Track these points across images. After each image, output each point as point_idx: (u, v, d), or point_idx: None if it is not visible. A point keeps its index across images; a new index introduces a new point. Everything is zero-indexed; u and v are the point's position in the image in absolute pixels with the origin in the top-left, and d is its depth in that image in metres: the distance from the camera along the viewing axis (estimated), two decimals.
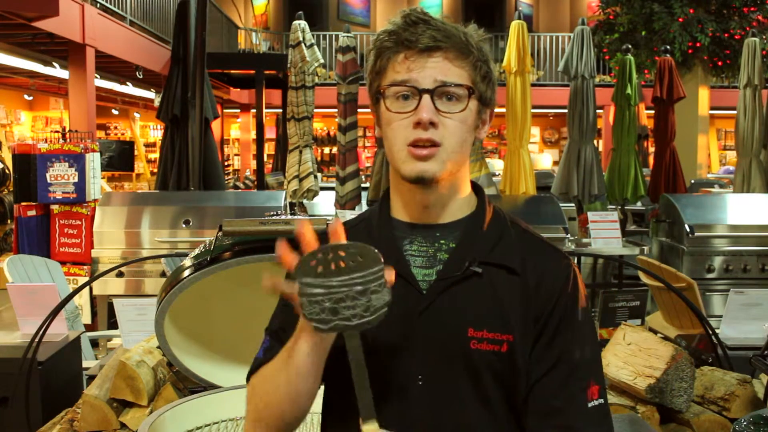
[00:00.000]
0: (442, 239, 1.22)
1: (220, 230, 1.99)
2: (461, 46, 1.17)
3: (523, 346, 1.17)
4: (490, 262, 1.19)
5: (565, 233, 5.10)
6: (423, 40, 1.15)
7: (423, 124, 1.14)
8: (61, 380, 3.00)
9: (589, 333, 1.22)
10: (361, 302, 1.06)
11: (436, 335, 1.17)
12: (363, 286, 1.06)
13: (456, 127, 1.17)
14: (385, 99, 1.18)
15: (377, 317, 1.07)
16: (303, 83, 6.50)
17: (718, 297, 5.23)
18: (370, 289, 1.06)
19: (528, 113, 6.42)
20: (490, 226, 1.23)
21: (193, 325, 2.18)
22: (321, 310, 1.06)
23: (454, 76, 1.16)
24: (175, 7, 6.51)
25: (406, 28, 1.16)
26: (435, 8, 21.00)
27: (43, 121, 14.80)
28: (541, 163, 17.99)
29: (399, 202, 1.25)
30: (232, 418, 2.09)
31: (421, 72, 1.15)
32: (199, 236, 4.77)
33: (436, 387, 1.17)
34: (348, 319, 1.06)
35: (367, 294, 1.06)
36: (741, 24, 11.52)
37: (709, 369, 2.67)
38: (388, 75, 1.18)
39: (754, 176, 6.71)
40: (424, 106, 1.14)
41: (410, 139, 1.16)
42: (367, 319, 1.06)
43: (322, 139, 21.09)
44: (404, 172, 1.17)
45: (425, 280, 1.19)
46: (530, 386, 1.17)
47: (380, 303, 1.07)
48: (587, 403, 1.16)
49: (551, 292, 1.19)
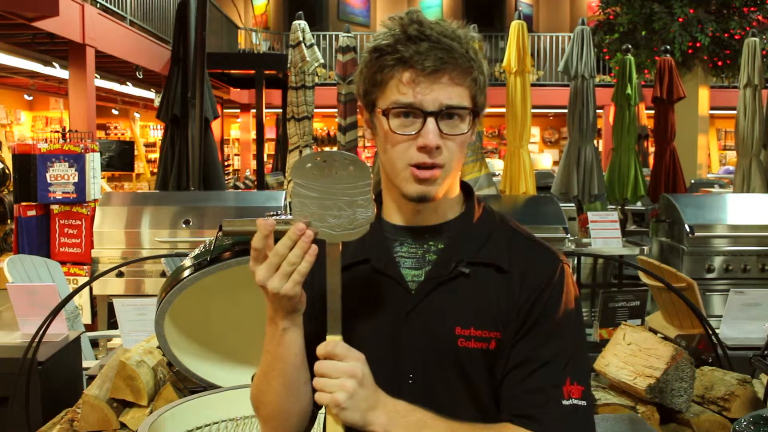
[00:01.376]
0: (431, 241, 1.23)
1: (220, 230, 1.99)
2: (464, 63, 1.16)
3: (510, 343, 1.18)
4: (477, 262, 1.21)
5: (565, 233, 5.10)
6: (428, 62, 1.13)
7: (428, 149, 1.15)
8: (61, 380, 3.00)
9: (573, 332, 1.20)
10: (347, 213, 1.12)
11: (425, 334, 1.19)
12: (350, 198, 1.12)
13: (457, 148, 1.18)
14: (389, 118, 1.17)
15: (359, 231, 1.12)
16: (303, 83, 6.51)
17: (718, 297, 5.23)
18: (356, 203, 1.12)
19: (528, 113, 6.42)
20: (479, 226, 1.25)
21: (193, 325, 2.18)
22: (309, 213, 1.11)
23: (458, 98, 1.16)
24: (175, 7, 6.51)
25: (408, 45, 1.14)
26: (435, 8, 20.98)
27: (43, 121, 14.80)
28: (541, 163, 17.97)
29: (390, 206, 1.26)
30: (232, 418, 2.09)
31: (427, 95, 1.14)
32: (199, 236, 4.77)
33: (427, 385, 1.19)
34: (332, 227, 1.12)
35: (353, 207, 1.12)
36: (741, 24, 11.52)
37: (709, 369, 2.67)
38: (391, 93, 1.17)
39: (754, 176, 6.71)
40: (430, 130, 1.14)
41: (414, 161, 1.16)
42: (350, 231, 1.12)
43: (322, 139, 21.08)
44: (405, 192, 1.18)
45: (414, 281, 1.21)
46: (503, 376, 1.18)
47: (364, 217, 1.12)
48: (561, 400, 1.15)
49: (534, 287, 1.19)
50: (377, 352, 1.18)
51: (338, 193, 1.11)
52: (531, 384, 1.16)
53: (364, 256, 1.20)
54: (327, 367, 1.08)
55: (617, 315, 3.43)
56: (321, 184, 1.11)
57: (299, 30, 6.53)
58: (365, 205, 1.12)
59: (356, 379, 1.08)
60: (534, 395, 1.15)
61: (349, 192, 1.11)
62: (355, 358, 1.09)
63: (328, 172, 1.11)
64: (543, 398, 1.15)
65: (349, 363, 1.08)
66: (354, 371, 1.08)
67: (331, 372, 1.08)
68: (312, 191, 1.11)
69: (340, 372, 1.07)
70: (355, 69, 1.31)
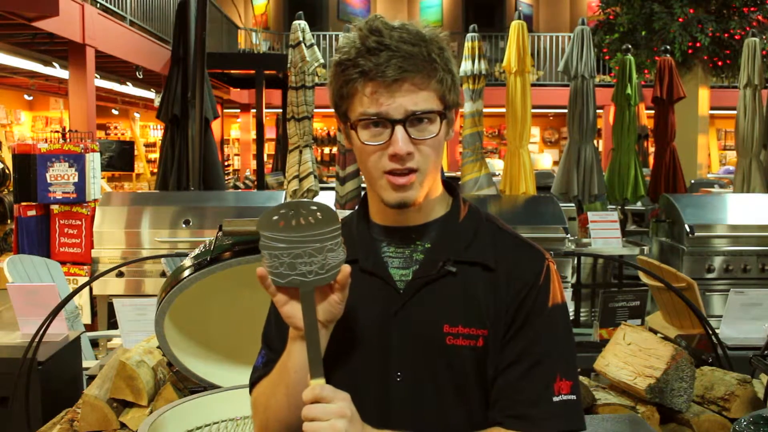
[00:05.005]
0: (418, 240, 1.25)
1: (220, 230, 2.00)
2: (426, 68, 1.17)
3: (497, 341, 1.20)
4: (464, 261, 1.22)
5: (565, 233, 5.10)
6: (389, 72, 1.15)
7: (399, 157, 1.17)
8: (61, 380, 3.00)
9: (561, 329, 1.23)
10: (317, 259, 1.13)
11: (413, 332, 1.20)
12: (320, 244, 1.13)
13: (430, 150, 1.19)
14: (357, 131, 1.19)
15: (331, 275, 1.13)
16: (303, 83, 6.50)
17: (718, 297, 5.23)
18: (327, 248, 1.13)
19: (528, 113, 6.42)
20: (465, 225, 1.26)
21: (193, 325, 2.18)
22: (280, 264, 1.13)
23: (423, 102, 1.17)
24: (175, 7, 6.51)
25: (368, 58, 1.16)
26: (435, 8, 20.99)
27: (43, 121, 14.80)
28: (541, 163, 17.97)
29: (376, 207, 1.28)
30: (232, 418, 2.09)
31: (392, 104, 1.16)
32: (199, 236, 4.77)
33: (415, 383, 1.20)
34: (304, 275, 1.13)
35: (323, 252, 1.13)
36: (741, 24, 11.51)
37: (709, 369, 2.67)
38: (356, 106, 1.19)
39: (754, 176, 6.71)
40: (398, 138, 1.16)
41: (387, 168, 1.18)
42: (322, 276, 1.13)
43: (322, 139, 21.08)
44: (385, 200, 1.20)
45: (402, 280, 1.23)
46: (494, 377, 1.20)
47: (335, 261, 1.13)
48: (552, 397, 1.18)
49: (521, 286, 1.21)
50: (365, 351, 1.21)
51: (307, 241, 1.13)
52: (523, 384, 1.18)
53: (352, 257, 1.21)
54: (317, 411, 1.09)
55: (617, 315, 3.43)
56: (289, 234, 1.13)
57: (299, 30, 6.53)
58: (335, 249, 1.13)
59: (346, 419, 1.09)
60: (526, 395, 1.18)
61: (319, 238, 1.13)
62: (341, 398, 1.10)
63: (295, 223, 1.13)
64: (534, 397, 1.18)
65: (337, 404, 1.09)
66: (343, 411, 1.09)
67: (321, 415, 1.08)
68: (281, 242, 1.13)
69: (330, 414, 1.08)
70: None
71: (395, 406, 1.20)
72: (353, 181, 6.39)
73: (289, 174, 6.64)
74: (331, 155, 20.42)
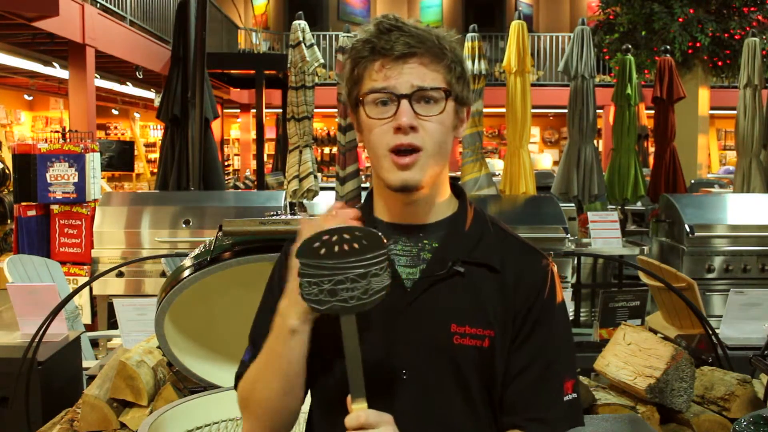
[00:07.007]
0: (425, 239, 1.26)
1: (220, 230, 1.99)
2: (435, 50, 1.20)
3: (503, 342, 1.22)
4: (471, 261, 1.23)
5: (565, 233, 5.10)
6: (397, 47, 1.18)
7: (403, 129, 1.17)
8: (61, 380, 3.00)
9: (565, 329, 1.27)
10: (361, 285, 1.08)
11: (421, 331, 1.21)
12: (364, 269, 1.08)
13: (435, 129, 1.20)
14: (365, 106, 1.21)
15: (374, 300, 1.09)
16: (303, 83, 6.50)
17: (718, 297, 5.23)
18: (371, 272, 1.09)
19: (528, 113, 6.42)
20: (472, 227, 1.27)
21: (193, 325, 2.18)
22: (320, 291, 1.08)
23: (430, 80, 1.19)
24: (175, 7, 6.51)
25: (380, 36, 1.19)
26: (435, 8, 20.99)
27: (43, 121, 14.79)
28: (541, 163, 17.97)
29: (382, 205, 1.29)
30: (232, 418, 2.09)
31: (398, 78, 1.18)
32: (199, 236, 4.77)
33: (420, 381, 1.21)
34: (345, 300, 1.08)
35: (367, 277, 1.08)
36: (741, 24, 11.51)
37: (709, 369, 2.67)
38: (366, 83, 1.21)
39: (754, 176, 6.71)
40: (404, 111, 1.18)
41: (392, 145, 1.19)
42: (364, 301, 1.09)
43: (322, 139, 21.08)
44: (388, 182, 1.20)
45: (409, 279, 1.23)
46: (508, 382, 1.22)
47: (379, 286, 1.09)
48: (563, 398, 1.22)
49: (529, 291, 1.24)
50: (371, 348, 1.20)
51: (351, 267, 1.08)
52: (539, 387, 1.22)
53: None
54: None
55: (617, 315, 3.43)
56: (331, 261, 1.08)
57: (299, 30, 6.53)
58: (380, 274, 1.09)
59: None
60: (543, 397, 1.22)
61: (364, 263, 1.08)
62: (386, 422, 1.10)
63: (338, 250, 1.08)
64: (551, 400, 1.22)
65: (382, 428, 1.08)
66: None
67: None
68: (322, 269, 1.08)
69: None
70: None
71: (400, 402, 1.20)
72: (353, 181, 6.39)
73: (289, 174, 6.65)
74: (331, 155, 20.42)
